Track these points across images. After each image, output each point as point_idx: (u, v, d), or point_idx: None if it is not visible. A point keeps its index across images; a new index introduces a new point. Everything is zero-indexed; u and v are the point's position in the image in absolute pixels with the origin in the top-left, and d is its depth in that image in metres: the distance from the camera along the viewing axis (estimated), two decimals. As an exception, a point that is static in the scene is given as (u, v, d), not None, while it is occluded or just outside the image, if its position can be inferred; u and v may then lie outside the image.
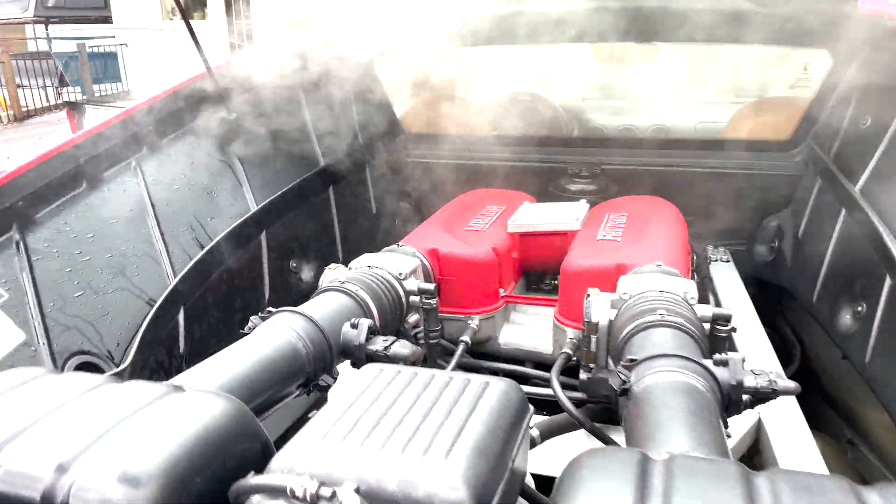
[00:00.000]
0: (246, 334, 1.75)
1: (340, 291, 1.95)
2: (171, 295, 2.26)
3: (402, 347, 1.81)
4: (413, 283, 2.14)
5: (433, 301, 2.13)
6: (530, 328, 2.45)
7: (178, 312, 2.31)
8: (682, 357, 1.48)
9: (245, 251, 2.67)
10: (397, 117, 3.66)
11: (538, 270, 2.70)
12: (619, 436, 1.82)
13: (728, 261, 3.06)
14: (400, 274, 2.16)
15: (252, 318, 1.80)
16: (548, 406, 2.21)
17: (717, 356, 1.53)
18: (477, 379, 1.36)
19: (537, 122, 3.51)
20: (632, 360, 1.51)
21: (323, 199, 3.16)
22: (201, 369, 1.51)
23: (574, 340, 2.21)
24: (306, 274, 3.00)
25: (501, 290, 2.42)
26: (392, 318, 2.06)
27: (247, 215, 2.67)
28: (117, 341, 2.08)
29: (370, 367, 1.43)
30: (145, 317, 2.18)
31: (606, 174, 3.21)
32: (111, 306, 2.10)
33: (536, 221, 2.57)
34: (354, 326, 1.82)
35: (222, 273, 2.54)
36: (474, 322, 2.34)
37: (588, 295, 1.92)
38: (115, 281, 2.16)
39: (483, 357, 2.38)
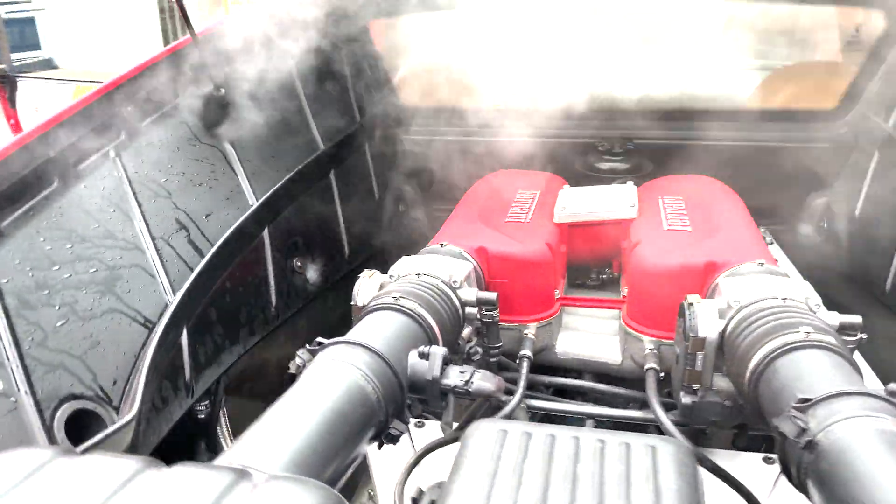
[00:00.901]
0: (295, 374, 1.39)
1: (396, 310, 1.59)
2: (171, 314, 1.86)
3: (485, 381, 1.48)
4: (470, 293, 1.80)
5: (495, 313, 1.80)
6: (590, 335, 2.14)
7: (181, 334, 1.92)
8: (867, 395, 1.18)
9: (247, 253, 2.27)
10: (396, 90, 3.26)
11: (585, 264, 2.38)
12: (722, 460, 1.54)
13: (772, 243, 2.80)
14: (454, 282, 1.81)
15: (299, 352, 1.44)
16: (623, 428, 1.92)
17: (891, 386, 1.25)
18: (637, 442, 1.05)
19: (557, 92, 3.16)
20: (805, 401, 1.21)
21: (325, 185, 2.77)
22: (258, 437, 1.15)
23: (654, 351, 1.91)
24: (312, 273, 2.62)
25: (556, 292, 2.10)
26: (452, 337, 1.72)
27: (248, 211, 2.27)
28: (113, 378, 1.68)
29: (485, 429, 1.10)
30: (144, 344, 1.78)
31: (639, 151, 2.90)
32: (102, 334, 1.70)
33: (587, 209, 2.25)
34: (424, 356, 1.48)
35: (224, 281, 2.14)
36: (531, 331, 2.02)
37: (690, 304, 1.62)
38: (104, 301, 1.75)
39: (538, 370, 2.07)
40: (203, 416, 2.08)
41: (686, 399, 1.63)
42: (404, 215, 3.30)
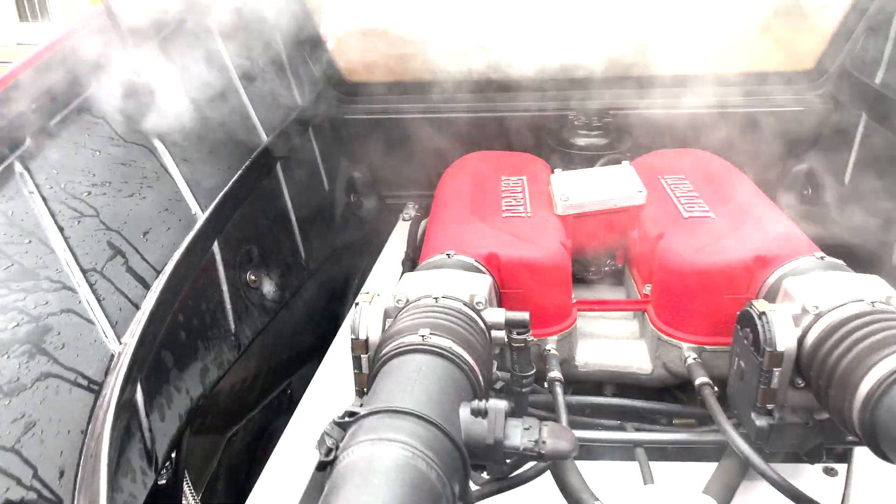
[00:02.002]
0: (327, 462, 1.06)
1: (430, 352, 1.28)
2: (123, 368, 1.47)
3: (558, 439, 1.19)
4: (496, 314, 1.50)
5: (528, 336, 1.51)
6: (610, 341, 1.89)
7: (136, 391, 1.52)
8: None
9: (198, 275, 1.87)
10: (337, 63, 2.87)
11: (586, 258, 2.13)
12: None
13: None
14: (479, 303, 1.51)
15: (326, 429, 1.10)
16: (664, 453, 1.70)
17: None
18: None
19: (518, 61, 2.86)
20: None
21: (272, 182, 2.37)
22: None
23: (698, 360, 1.69)
24: (268, 287, 2.24)
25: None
26: (487, 374, 1.42)
27: (196, 225, 1.87)
28: (60, 468, 1.28)
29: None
30: (92, 414, 1.39)
31: (616, 124, 2.65)
32: (36, 410, 1.30)
33: (594, 198, 1.98)
34: (480, 413, 1.18)
35: (177, 313, 1.74)
36: (551, 346, 1.75)
37: (762, 312, 1.39)
38: (33, 365, 1.34)
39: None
40: (165, 482, 1.70)
41: (761, 422, 1.41)
42: (357, 206, 2.94)
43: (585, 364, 1.83)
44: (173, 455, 1.70)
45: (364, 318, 1.50)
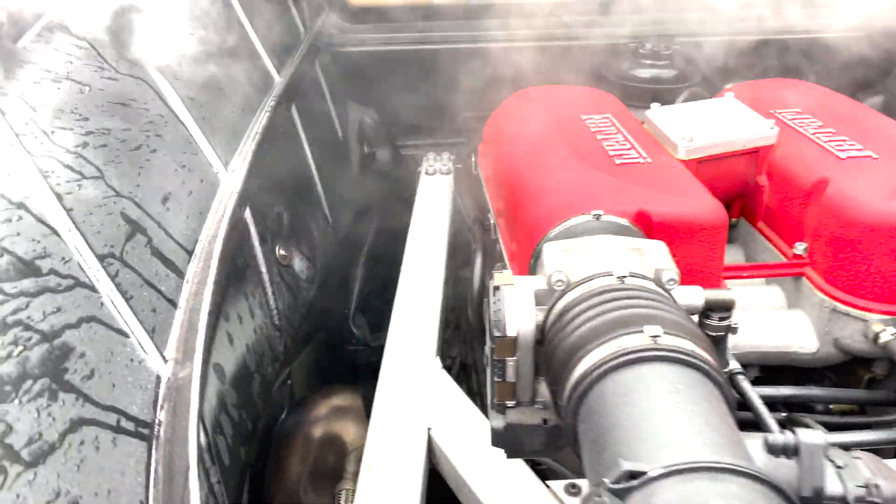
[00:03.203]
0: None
1: (675, 361, 0.88)
2: (174, 397, 1.00)
3: (891, 479, 0.83)
4: (692, 294, 1.12)
5: (733, 321, 1.13)
6: (757, 314, 1.54)
7: (199, 428, 1.06)
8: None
9: (235, 255, 1.39)
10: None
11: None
12: None
13: None
14: (670, 280, 1.11)
15: (595, 499, 0.70)
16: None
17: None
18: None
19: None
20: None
21: (291, 131, 1.88)
22: None
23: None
24: (299, 263, 1.76)
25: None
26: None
27: (226, 188, 1.38)
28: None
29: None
30: (148, 473, 0.93)
31: (681, 53, 2.27)
32: (76, 480, 0.83)
33: (721, 137, 1.61)
34: (786, 452, 0.80)
35: (216, 312, 1.27)
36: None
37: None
38: (58, 410, 0.87)
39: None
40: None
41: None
42: (371, 159, 2.46)
43: (734, 346, 1.48)
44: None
45: (510, 307, 1.08)
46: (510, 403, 1.14)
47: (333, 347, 2.30)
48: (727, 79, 2.19)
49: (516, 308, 1.09)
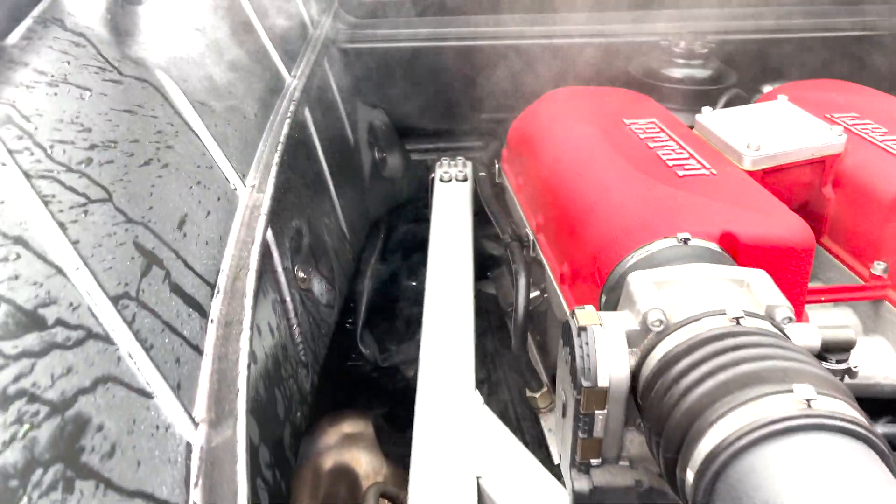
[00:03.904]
0: None
1: (834, 429, 0.73)
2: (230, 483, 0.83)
3: None
4: (808, 334, 0.97)
5: (850, 363, 0.99)
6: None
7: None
8: None
9: (259, 284, 1.21)
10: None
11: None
12: None
13: None
14: (785, 319, 0.96)
15: None
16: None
17: None
18: None
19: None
20: None
21: (304, 135, 1.70)
22: None
23: None
24: (318, 286, 1.58)
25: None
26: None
27: (246, 205, 1.21)
28: None
29: None
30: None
31: (714, 53, 2.12)
32: None
33: (788, 145, 1.47)
34: None
35: (252, 358, 1.09)
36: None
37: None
38: (83, 498, 0.69)
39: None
40: None
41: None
42: (382, 165, 2.28)
43: (870, 377, 1.34)
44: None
45: (602, 352, 0.92)
46: (595, 462, 0.99)
47: (337, 365, 2.13)
48: (762, 80, 2.05)
49: (608, 353, 0.93)
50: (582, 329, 0.94)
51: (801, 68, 2.08)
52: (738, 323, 0.90)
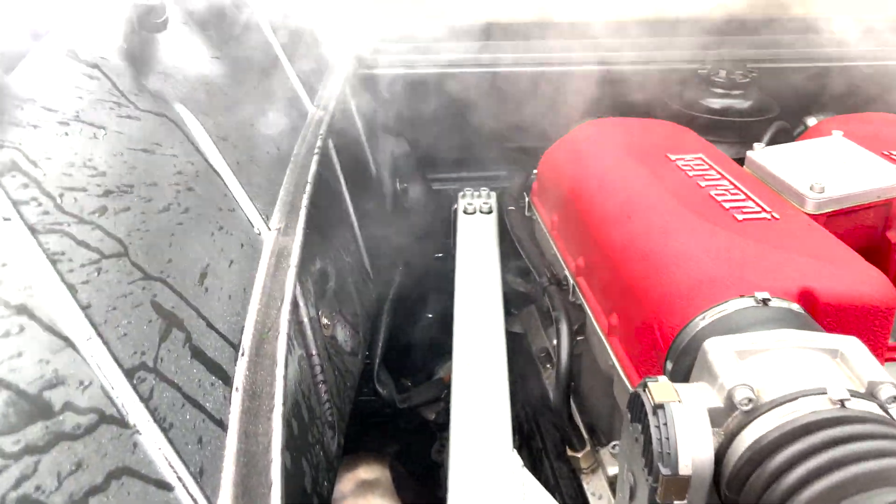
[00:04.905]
0: None
1: None
2: None
3: None
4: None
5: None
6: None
7: None
8: None
9: (289, 342, 1.10)
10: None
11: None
12: None
13: None
14: (889, 398, 0.85)
15: None
16: None
17: None
18: None
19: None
20: None
21: (328, 169, 1.59)
22: None
23: None
24: (342, 333, 1.47)
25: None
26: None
27: (270, 252, 1.10)
28: None
29: None
30: None
31: (754, 81, 2.02)
32: None
33: (853, 187, 1.36)
34: None
35: (289, 443, 0.97)
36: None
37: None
38: None
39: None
40: None
41: None
42: (404, 194, 2.17)
43: None
44: None
45: (682, 434, 0.81)
46: None
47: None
48: (802, 111, 1.95)
49: (690, 436, 0.82)
50: (659, 407, 0.83)
51: (842, 99, 1.99)
52: (842, 405, 0.78)
